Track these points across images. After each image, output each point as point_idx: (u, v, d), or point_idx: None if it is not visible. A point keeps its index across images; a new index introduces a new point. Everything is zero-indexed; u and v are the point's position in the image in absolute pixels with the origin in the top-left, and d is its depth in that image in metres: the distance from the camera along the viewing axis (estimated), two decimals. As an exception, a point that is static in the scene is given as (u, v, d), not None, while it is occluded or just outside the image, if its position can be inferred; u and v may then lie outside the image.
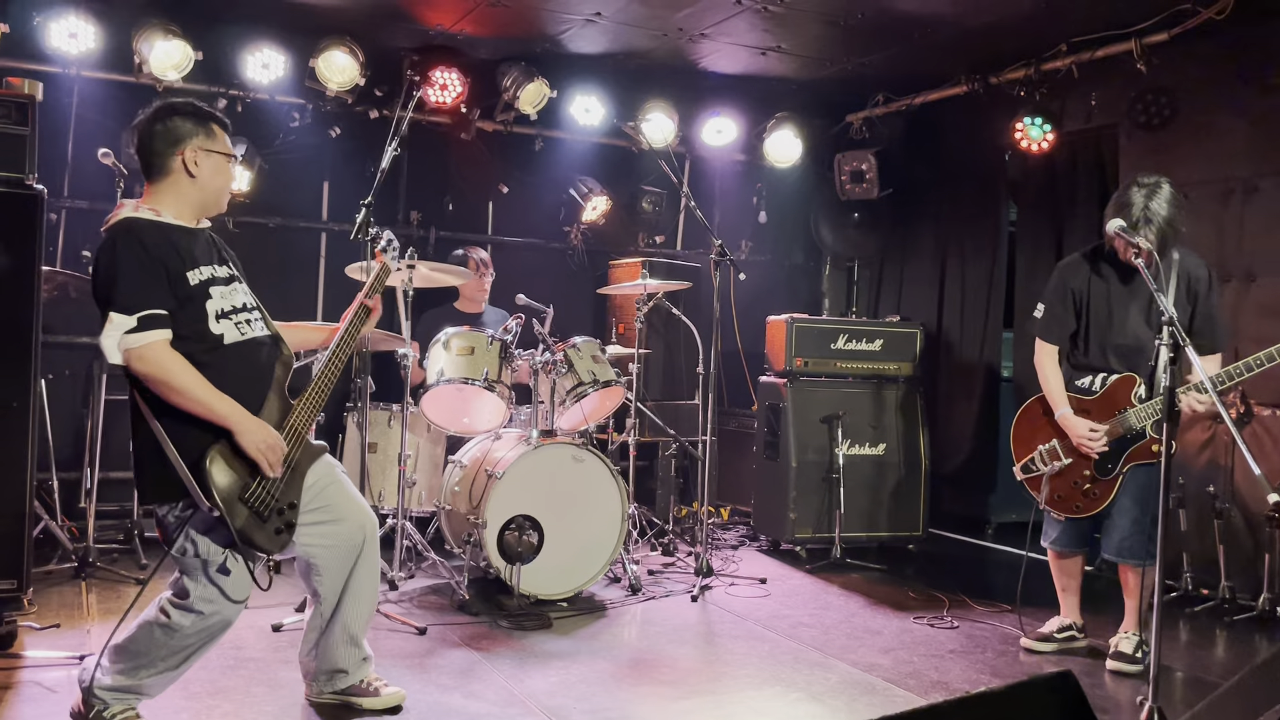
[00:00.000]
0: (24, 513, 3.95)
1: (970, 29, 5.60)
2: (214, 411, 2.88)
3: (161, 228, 2.98)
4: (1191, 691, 3.86)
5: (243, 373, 3.01)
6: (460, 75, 6.15)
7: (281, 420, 3.05)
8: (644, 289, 5.60)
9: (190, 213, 3.08)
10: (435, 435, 5.40)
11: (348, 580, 3.29)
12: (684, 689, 3.75)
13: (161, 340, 2.86)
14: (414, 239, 6.62)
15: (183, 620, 2.99)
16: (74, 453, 5.53)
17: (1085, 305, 4.14)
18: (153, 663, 3.03)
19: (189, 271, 2.96)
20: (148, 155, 3.05)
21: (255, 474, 2.94)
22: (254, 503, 2.93)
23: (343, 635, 3.32)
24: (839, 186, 6.98)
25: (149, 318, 2.84)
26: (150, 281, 2.87)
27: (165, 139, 3.02)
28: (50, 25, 5.37)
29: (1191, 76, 5.38)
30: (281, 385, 3.10)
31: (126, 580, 4.81)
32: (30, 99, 4.00)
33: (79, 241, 5.81)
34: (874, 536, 6.02)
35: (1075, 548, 4.25)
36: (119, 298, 2.83)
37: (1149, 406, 3.96)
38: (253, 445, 2.90)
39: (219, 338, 2.98)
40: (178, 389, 2.84)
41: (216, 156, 3.09)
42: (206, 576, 2.98)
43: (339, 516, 3.24)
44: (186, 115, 3.06)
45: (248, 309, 3.11)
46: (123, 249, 2.88)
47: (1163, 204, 3.85)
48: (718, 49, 6.13)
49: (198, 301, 2.96)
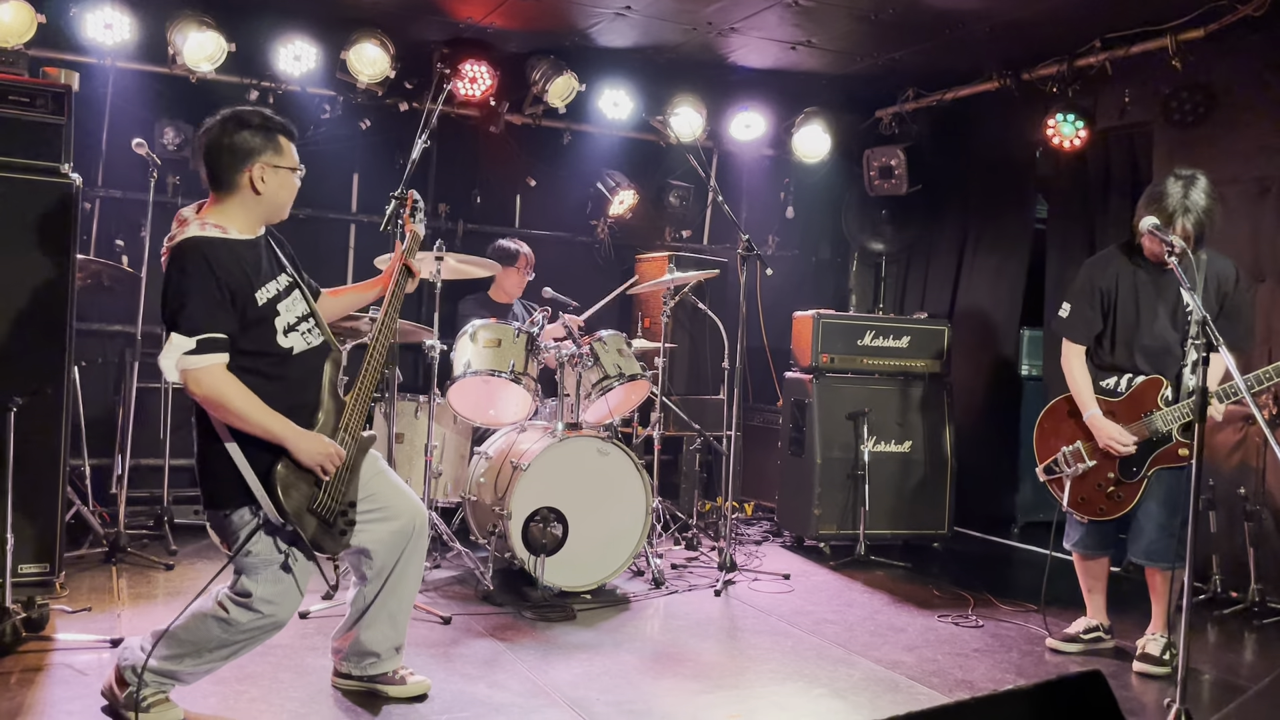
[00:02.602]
0: (56, 498, 4.01)
1: (1002, 24, 5.55)
2: (269, 431, 2.92)
3: (229, 246, 2.97)
4: (1220, 694, 3.82)
5: (304, 380, 3.08)
6: (490, 68, 6.16)
7: (337, 422, 3.10)
8: (670, 283, 5.60)
9: (253, 226, 3.10)
10: (461, 426, 5.43)
11: (395, 565, 3.34)
12: (707, 683, 3.76)
13: (219, 364, 2.89)
14: (442, 231, 6.64)
15: (240, 617, 3.03)
16: (106, 439, 5.60)
17: (1113, 305, 4.07)
18: (199, 653, 3.07)
19: (257, 291, 2.99)
20: (215, 170, 3.03)
21: (318, 483, 3.00)
22: (321, 511, 3.01)
23: (383, 616, 3.35)
24: (868, 182, 6.94)
25: (208, 341, 2.87)
26: (213, 306, 2.89)
27: (233, 155, 3.01)
28: (86, 16, 5.43)
29: (1227, 74, 5.31)
30: (334, 385, 3.15)
31: (156, 565, 4.87)
32: (66, 89, 4.06)
33: (113, 230, 5.89)
34: (899, 534, 5.99)
35: (1098, 550, 4.20)
36: (181, 320, 2.87)
37: (1176, 409, 3.90)
38: (309, 459, 2.96)
39: (288, 350, 3.04)
40: (233, 412, 2.89)
41: (284, 172, 3.08)
42: (268, 576, 3.03)
43: (389, 512, 3.30)
44: (255, 129, 3.03)
45: (308, 317, 3.15)
46: (190, 270, 2.89)
47: (1202, 195, 3.79)
48: (747, 43, 6.11)
49: (268, 319, 3.01)
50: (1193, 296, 3.22)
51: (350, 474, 3.11)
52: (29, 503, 3.87)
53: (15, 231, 3.92)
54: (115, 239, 5.87)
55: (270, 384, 2.97)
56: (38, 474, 3.92)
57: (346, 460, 3.07)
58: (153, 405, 5.53)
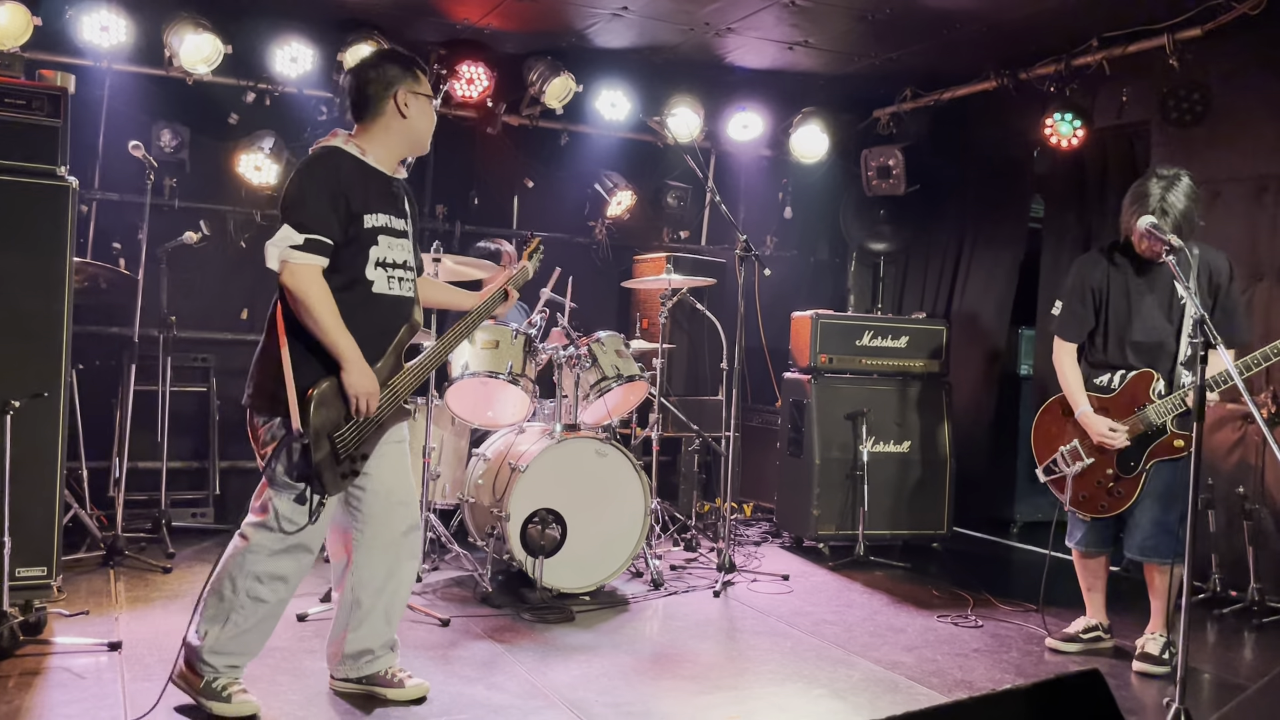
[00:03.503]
0: (54, 501, 3.99)
1: (1000, 24, 5.55)
2: (335, 344, 3.05)
3: (362, 166, 3.16)
4: (1219, 693, 3.82)
5: (375, 323, 3.17)
6: (487, 69, 6.16)
7: (389, 379, 3.19)
8: (668, 284, 5.59)
9: (395, 155, 3.27)
10: (459, 428, 5.42)
11: (390, 564, 3.35)
12: (706, 684, 3.75)
13: (317, 265, 3.04)
14: (439, 233, 6.63)
15: (262, 539, 3.13)
16: (103, 442, 5.59)
17: (1105, 302, 4.10)
18: (236, 609, 3.13)
19: (367, 214, 3.12)
20: (360, 99, 3.22)
21: (348, 418, 3.09)
22: (338, 442, 3.08)
23: (378, 617, 3.37)
24: (865, 182, 6.94)
25: (315, 242, 3.03)
26: (329, 211, 3.05)
27: (380, 82, 3.20)
28: (82, 19, 5.42)
29: (1225, 72, 5.31)
30: (402, 346, 3.26)
31: (154, 569, 4.86)
32: (63, 91, 4.04)
33: (110, 233, 5.88)
34: (898, 534, 5.98)
35: (1100, 548, 4.21)
36: (296, 214, 3.03)
37: (1168, 401, 3.93)
38: (355, 385, 3.07)
39: (369, 284, 3.16)
40: (313, 313, 3.02)
41: (423, 99, 3.27)
42: (290, 495, 3.11)
43: (384, 486, 3.32)
44: (397, 61, 3.25)
45: (406, 267, 3.28)
46: (319, 171, 3.09)
47: (1180, 196, 3.83)
48: (744, 43, 6.11)
49: (364, 244, 3.13)
50: (1190, 295, 3.23)
51: (377, 430, 3.19)
52: (26, 506, 3.85)
53: (12, 234, 3.91)
54: (112, 241, 5.86)
55: (341, 309, 3.07)
56: (35, 477, 3.91)
57: (381, 413, 3.16)
58: (150, 408, 5.51)
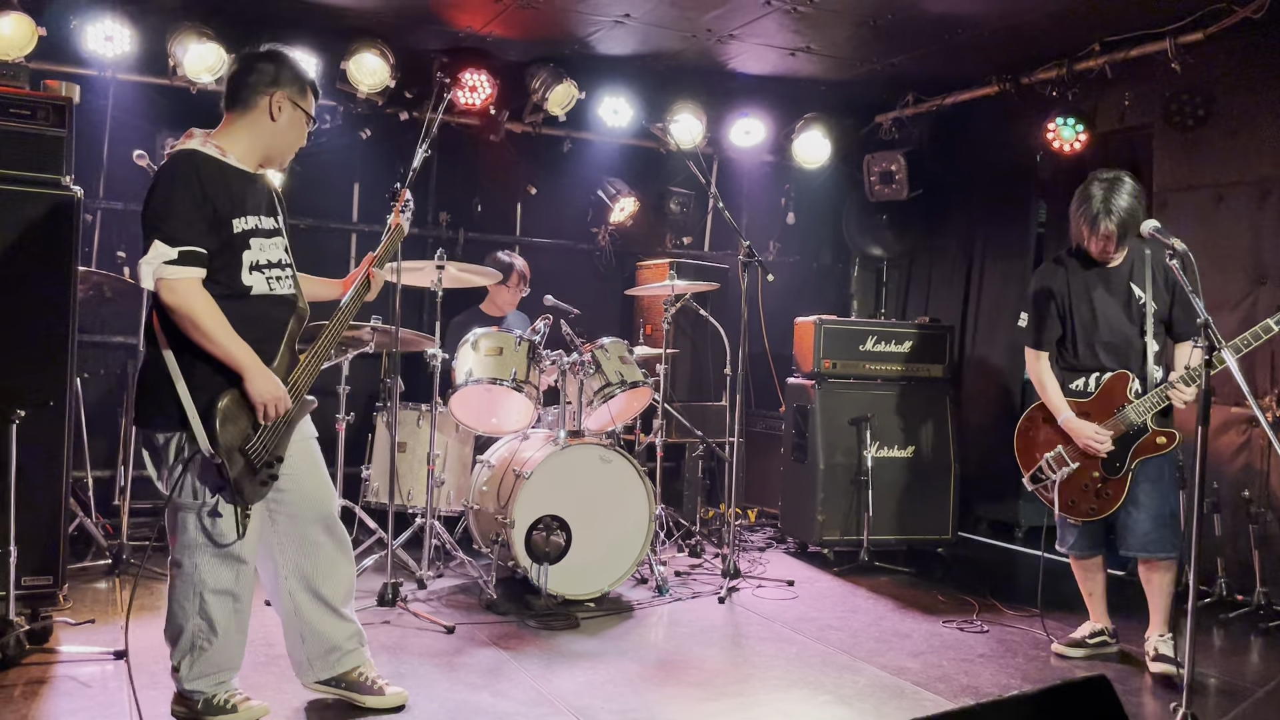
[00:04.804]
0: (60, 510, 4.00)
1: (1001, 29, 5.56)
2: (231, 355, 2.96)
3: (223, 168, 3.05)
4: (1225, 699, 3.81)
5: (261, 325, 3.08)
6: (489, 77, 6.17)
7: (288, 375, 3.11)
8: (671, 290, 5.60)
9: (255, 157, 3.16)
10: (464, 435, 5.42)
11: (315, 553, 3.27)
12: (711, 690, 3.75)
13: (196, 278, 2.94)
14: (443, 240, 6.65)
15: (194, 559, 3.04)
16: (108, 451, 5.61)
17: (1068, 308, 4.19)
18: (197, 634, 3.06)
19: (235, 219, 3.03)
20: (238, 85, 3.13)
21: (256, 426, 3.01)
22: (251, 454, 3.00)
23: (323, 610, 3.28)
24: (868, 187, 6.94)
25: (190, 254, 2.92)
26: (198, 220, 2.95)
27: (262, 76, 3.12)
28: (87, 29, 5.44)
29: (1227, 76, 5.31)
30: (294, 339, 3.18)
31: (160, 577, 4.85)
32: (67, 101, 4.06)
33: (114, 242, 5.89)
34: (902, 539, 5.97)
35: (1093, 550, 4.23)
36: (166, 228, 2.92)
37: (1146, 400, 4.00)
38: (260, 394, 2.98)
39: (248, 289, 3.06)
40: (202, 329, 2.92)
41: (300, 113, 3.19)
42: (198, 517, 3.04)
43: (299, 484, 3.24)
44: (290, 68, 3.17)
45: (281, 265, 3.18)
46: (180, 181, 2.96)
47: (1125, 196, 3.99)
48: (746, 50, 6.12)
49: (236, 249, 3.04)
50: (1195, 300, 3.27)
51: (287, 428, 3.12)
52: (32, 515, 3.86)
53: (17, 244, 3.92)
54: (117, 250, 5.86)
55: (228, 317, 2.98)
56: (40, 486, 3.92)
57: (288, 413, 3.08)
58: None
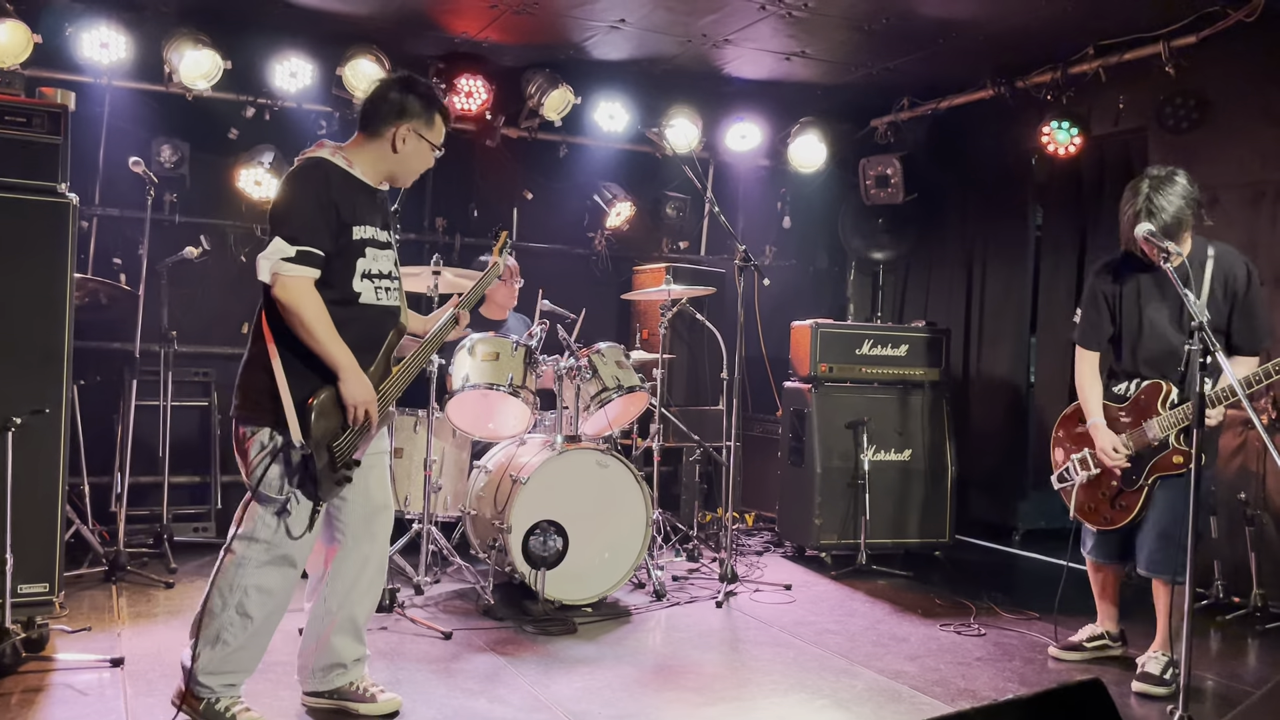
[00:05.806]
0: (56, 517, 4.00)
1: (996, 33, 5.57)
2: (331, 355, 3.05)
3: (348, 177, 3.17)
4: (1222, 701, 3.81)
5: (365, 333, 3.18)
6: (485, 82, 6.18)
7: (380, 383, 3.21)
8: (668, 294, 5.60)
9: (378, 176, 3.27)
10: (460, 440, 5.42)
11: (361, 568, 3.36)
12: (709, 695, 3.75)
13: (309, 277, 3.04)
14: (439, 245, 6.65)
15: (250, 552, 3.10)
16: (105, 458, 5.59)
17: (1118, 310, 4.05)
18: (226, 626, 3.09)
19: (355, 226, 3.13)
20: (369, 111, 3.24)
21: (345, 426, 3.10)
22: (336, 451, 3.09)
23: (349, 626, 3.36)
24: (864, 191, 6.95)
25: (307, 254, 3.02)
26: (321, 222, 3.05)
27: (392, 109, 3.21)
28: (82, 36, 5.44)
29: (1220, 79, 5.32)
30: (391, 349, 3.29)
31: (156, 584, 4.86)
32: (63, 108, 4.06)
33: (110, 249, 5.90)
34: (900, 543, 5.98)
35: (1107, 559, 4.16)
36: (288, 226, 3.03)
37: (1170, 416, 3.86)
38: (353, 395, 3.08)
39: (357, 295, 3.16)
40: (307, 325, 3.02)
41: (425, 144, 3.28)
42: (272, 510, 3.10)
43: (369, 496, 3.36)
44: (420, 97, 3.24)
45: (390, 277, 3.28)
46: (308, 183, 3.09)
47: (1173, 197, 3.73)
48: (742, 54, 6.13)
49: (352, 256, 3.14)
50: (1190, 302, 3.22)
51: (367, 435, 3.21)
52: (28, 522, 3.85)
53: (13, 251, 3.92)
54: (113, 257, 5.88)
55: (334, 321, 3.08)
56: (37, 493, 3.92)
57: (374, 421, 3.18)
58: (152, 423, 5.52)
